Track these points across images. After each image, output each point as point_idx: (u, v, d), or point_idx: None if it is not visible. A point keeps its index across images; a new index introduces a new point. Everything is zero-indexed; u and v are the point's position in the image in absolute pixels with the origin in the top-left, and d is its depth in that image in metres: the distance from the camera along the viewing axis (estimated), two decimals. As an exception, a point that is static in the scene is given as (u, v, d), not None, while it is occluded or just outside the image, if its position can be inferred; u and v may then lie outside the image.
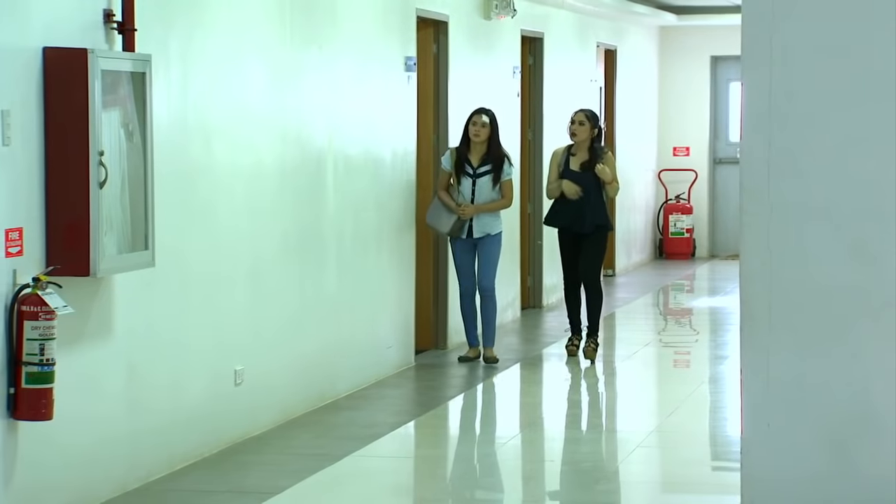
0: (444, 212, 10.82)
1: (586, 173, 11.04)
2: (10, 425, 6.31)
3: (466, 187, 10.80)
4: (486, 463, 7.99)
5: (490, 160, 10.81)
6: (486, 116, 10.78)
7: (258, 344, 8.55)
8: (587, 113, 11.18)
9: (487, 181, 10.80)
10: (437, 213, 10.88)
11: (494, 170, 10.79)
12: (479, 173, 10.82)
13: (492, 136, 10.79)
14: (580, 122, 11.09)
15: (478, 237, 10.86)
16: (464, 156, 10.83)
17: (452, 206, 10.78)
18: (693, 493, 7.71)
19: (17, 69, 6.35)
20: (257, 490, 7.31)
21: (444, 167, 10.90)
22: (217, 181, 8.10)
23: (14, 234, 6.32)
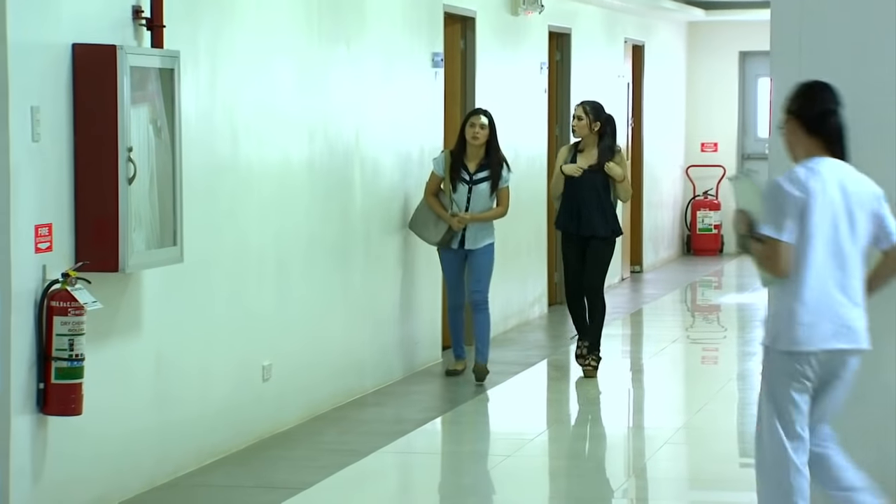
0: (432, 220, 9.99)
1: (594, 173, 10.14)
2: (39, 420, 6.33)
3: (462, 194, 9.95)
4: (512, 459, 7.99)
5: (488, 165, 9.97)
6: (484, 117, 10.00)
7: (286, 340, 8.57)
8: (587, 106, 10.21)
9: (485, 188, 9.96)
10: (424, 221, 10.03)
11: (493, 176, 9.96)
12: (476, 179, 9.98)
13: (490, 140, 9.97)
14: (578, 116, 10.19)
15: (469, 248, 10.05)
16: (460, 160, 9.97)
17: (443, 215, 9.94)
18: (721, 489, 7.69)
19: (47, 65, 6.38)
20: (285, 485, 7.32)
21: (436, 171, 10.03)
22: (245, 178, 8.12)
23: (44, 230, 6.35)
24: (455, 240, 10.01)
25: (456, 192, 9.92)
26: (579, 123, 10.13)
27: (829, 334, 5.39)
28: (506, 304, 12.27)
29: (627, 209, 16.57)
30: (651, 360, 11.59)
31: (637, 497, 7.47)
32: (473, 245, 10.03)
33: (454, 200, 9.93)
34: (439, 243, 10.02)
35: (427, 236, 10.02)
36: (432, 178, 10.01)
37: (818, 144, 5.45)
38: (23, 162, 6.20)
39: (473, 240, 10.04)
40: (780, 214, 5.35)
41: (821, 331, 5.38)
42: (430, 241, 10.04)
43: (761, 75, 19.16)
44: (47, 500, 6.40)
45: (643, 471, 7.95)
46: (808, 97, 5.47)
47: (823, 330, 5.38)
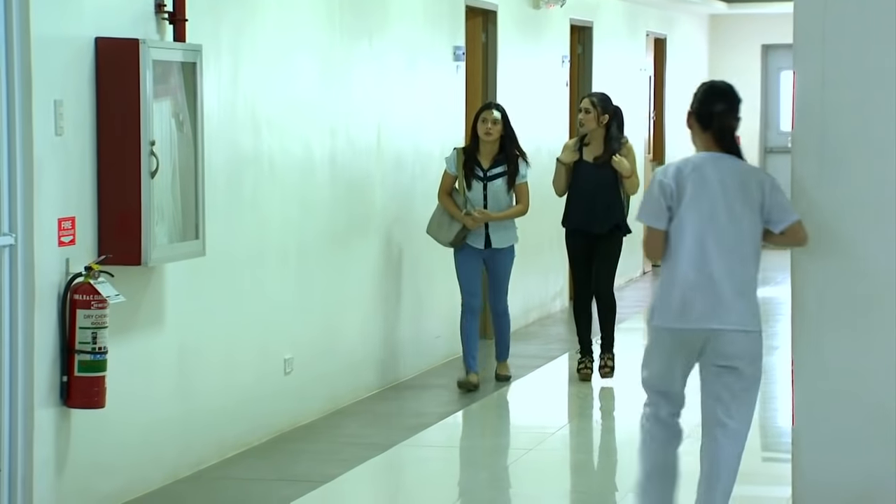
0: (446, 221, 9.46)
1: (602, 167, 9.68)
2: (63, 413, 6.36)
3: (477, 192, 9.43)
4: (533, 453, 7.99)
5: (503, 160, 9.46)
6: (497, 112, 9.48)
7: (307, 333, 8.58)
8: (594, 98, 9.84)
9: (501, 184, 9.46)
10: (439, 222, 9.50)
11: (509, 171, 9.46)
12: (490, 176, 9.47)
13: (505, 134, 9.47)
14: (586, 108, 9.74)
15: (496, 247, 9.53)
16: (473, 157, 9.48)
17: (456, 214, 9.41)
18: (743, 483, 7.65)
19: (70, 59, 6.40)
20: (306, 478, 7.34)
21: (448, 170, 9.53)
22: (266, 172, 8.14)
23: (67, 224, 6.37)
24: (479, 239, 9.48)
25: (471, 191, 9.43)
26: (587, 116, 9.73)
27: (699, 314, 5.73)
28: (527, 298, 12.27)
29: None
30: (672, 353, 11.56)
31: (658, 491, 7.45)
32: (500, 244, 9.52)
33: (468, 199, 9.42)
34: (452, 243, 9.47)
35: (441, 237, 9.51)
36: (445, 178, 9.54)
37: (711, 139, 5.91)
38: (46, 155, 6.23)
39: (499, 239, 9.53)
40: (653, 204, 5.80)
41: (691, 310, 5.73)
42: (443, 241, 9.51)
43: (784, 68, 19.10)
44: (71, 492, 6.43)
45: None
46: (703, 97, 5.99)
47: (693, 310, 5.73)
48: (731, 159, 5.89)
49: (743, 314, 5.78)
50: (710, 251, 5.77)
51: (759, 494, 7.48)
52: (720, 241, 5.78)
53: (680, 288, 5.75)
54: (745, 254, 5.83)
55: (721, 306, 5.74)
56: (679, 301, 5.75)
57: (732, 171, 5.86)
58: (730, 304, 5.76)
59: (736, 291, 5.77)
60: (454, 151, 9.57)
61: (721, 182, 5.81)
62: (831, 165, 6.02)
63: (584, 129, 9.73)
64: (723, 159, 5.88)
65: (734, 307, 5.76)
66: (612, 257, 9.82)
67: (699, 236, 5.77)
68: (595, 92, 10.23)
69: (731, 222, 5.78)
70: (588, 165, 9.69)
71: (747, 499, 7.44)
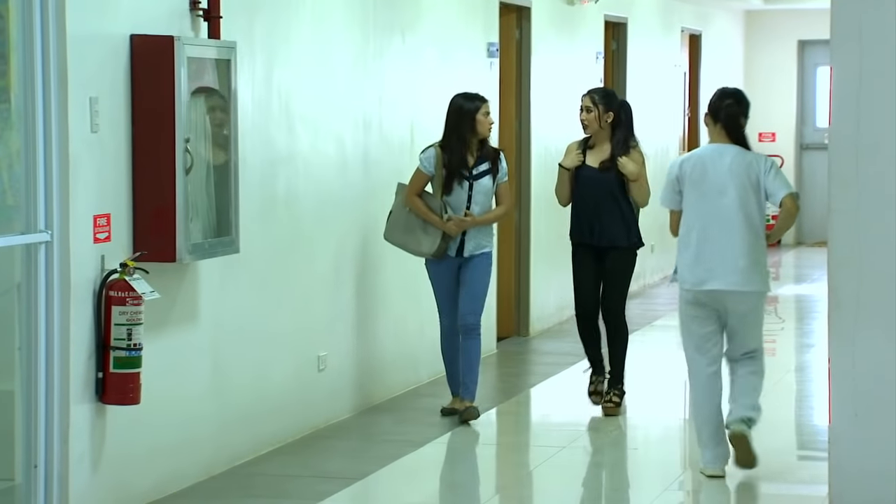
0: (419, 227, 8.39)
1: (608, 173, 8.58)
2: (98, 409, 6.39)
3: (460, 194, 8.37)
4: (566, 451, 7.98)
5: (485, 157, 8.44)
6: (488, 104, 8.52)
7: (341, 330, 8.59)
8: (595, 95, 8.66)
9: (487, 183, 8.42)
10: (408, 227, 8.41)
11: (493, 169, 8.46)
12: (476, 175, 8.42)
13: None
14: (586, 107, 8.60)
15: (469, 255, 8.46)
16: (459, 156, 8.37)
17: (434, 220, 8.35)
18: (779, 482, 7.65)
19: (105, 57, 6.42)
20: (340, 475, 7.36)
21: (425, 169, 8.40)
22: (300, 168, 8.15)
23: (102, 221, 6.40)
24: (452, 247, 8.45)
25: (451, 194, 8.36)
26: (588, 116, 8.58)
27: (705, 278, 7.10)
28: (562, 295, 12.24)
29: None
30: (707, 351, 11.54)
31: (693, 489, 7.44)
32: (476, 250, 8.45)
33: (447, 203, 8.35)
34: (435, 254, 8.39)
35: (415, 246, 8.42)
36: (419, 177, 8.41)
37: (721, 132, 7.25)
38: (82, 152, 6.26)
39: (476, 245, 8.46)
40: (668, 189, 7.25)
41: (698, 274, 7.12)
42: (420, 252, 8.42)
43: (820, 64, 19.02)
44: (106, 488, 6.46)
45: (699, 463, 7.92)
46: (714, 97, 7.38)
47: (700, 274, 7.11)
48: (734, 148, 7.18)
49: (745, 277, 7.07)
50: (713, 225, 7.09)
51: (793, 492, 7.45)
52: (722, 216, 7.08)
53: (690, 256, 7.14)
54: (745, 225, 7.08)
55: (722, 270, 7.07)
56: (684, 265, 7.14)
57: (734, 159, 7.15)
58: (731, 269, 7.07)
59: (739, 257, 7.07)
60: (434, 149, 8.42)
61: (722, 167, 7.12)
62: (868, 162, 5.99)
63: (586, 130, 8.65)
64: (727, 149, 7.19)
65: (735, 270, 7.06)
66: (624, 274, 8.70)
67: (702, 213, 7.11)
68: (596, 87, 9.01)
69: (727, 200, 7.07)
70: (592, 171, 8.59)
71: (784, 497, 7.42)
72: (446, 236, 8.36)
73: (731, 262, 7.06)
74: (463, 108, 8.39)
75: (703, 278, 7.09)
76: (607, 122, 8.57)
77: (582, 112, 8.63)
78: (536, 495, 7.38)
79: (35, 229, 6.14)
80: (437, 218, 8.34)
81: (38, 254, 6.16)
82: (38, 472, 6.19)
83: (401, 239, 8.43)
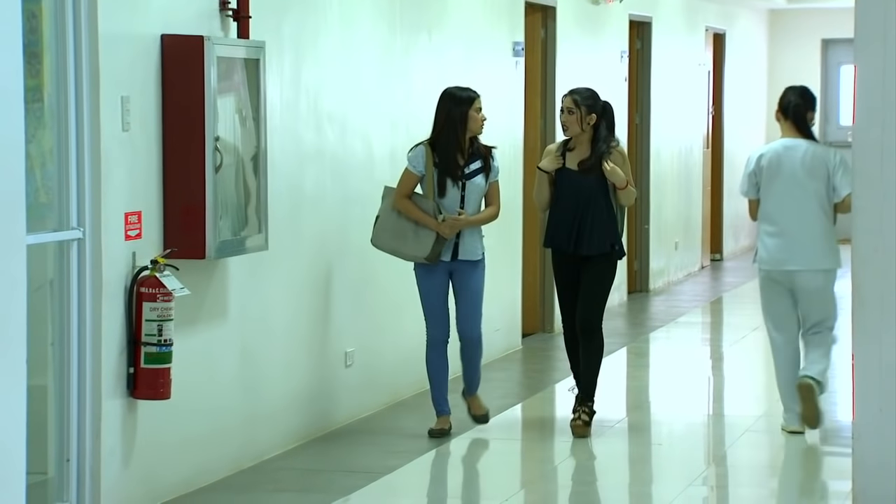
0: (410, 230, 7.92)
1: (588, 175, 8.06)
2: (129, 404, 6.47)
3: (454, 195, 7.95)
4: (592, 445, 8.03)
5: (476, 155, 8.02)
6: (480, 99, 8.10)
7: (367, 326, 8.65)
8: (577, 96, 8.11)
9: (480, 183, 7.99)
10: (398, 232, 7.95)
11: (485, 168, 8.04)
12: (468, 174, 7.99)
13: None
14: (568, 108, 8.07)
15: (466, 259, 8.04)
16: (450, 155, 7.94)
17: (426, 221, 7.90)
18: (803, 477, 7.69)
19: (136, 56, 6.50)
20: (367, 469, 7.41)
21: (414, 169, 7.95)
22: (328, 166, 8.21)
23: (133, 218, 6.47)
24: (446, 251, 8.02)
25: (445, 196, 7.94)
26: (569, 118, 8.05)
27: (784, 259, 8.01)
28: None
29: (707, 197, 16.52)
30: (731, 347, 11.57)
31: (717, 484, 7.48)
32: (473, 255, 8.03)
33: (440, 204, 7.92)
34: (429, 258, 7.92)
35: (407, 251, 7.95)
36: (408, 178, 7.95)
37: (791, 126, 8.11)
38: (113, 151, 6.33)
39: (471, 249, 8.03)
40: (747, 180, 8.12)
41: (777, 256, 8.01)
42: (414, 256, 7.95)
43: (843, 63, 19.01)
44: (137, 481, 6.53)
45: (723, 458, 7.96)
46: (783, 95, 8.24)
47: (779, 256, 8.01)
48: (805, 142, 8.05)
49: (814, 257, 7.95)
50: (789, 212, 7.96)
51: (818, 488, 7.49)
52: (796, 203, 7.94)
53: (768, 239, 8.01)
54: (818, 210, 7.94)
55: (794, 252, 7.96)
56: (765, 248, 8.01)
57: (807, 151, 8.01)
58: (802, 251, 7.95)
59: (809, 240, 7.95)
60: (422, 147, 7.98)
61: (795, 160, 7.98)
62: (892, 159, 6.02)
63: (567, 133, 8.12)
64: (798, 142, 8.05)
65: (805, 253, 7.95)
66: (602, 286, 8.13)
67: (778, 201, 7.98)
68: (578, 88, 8.35)
69: (801, 189, 7.94)
70: (572, 174, 8.08)
71: (808, 492, 7.45)
72: (440, 239, 7.90)
73: (807, 244, 7.92)
74: (454, 104, 7.96)
75: (782, 260, 7.96)
76: (589, 124, 8.07)
77: (563, 114, 8.12)
78: (560, 490, 7.43)
79: (67, 227, 6.21)
80: (431, 220, 7.88)
81: (70, 251, 6.23)
82: (71, 465, 6.26)
83: (391, 244, 7.96)
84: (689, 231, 15.74)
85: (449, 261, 8.00)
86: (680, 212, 15.40)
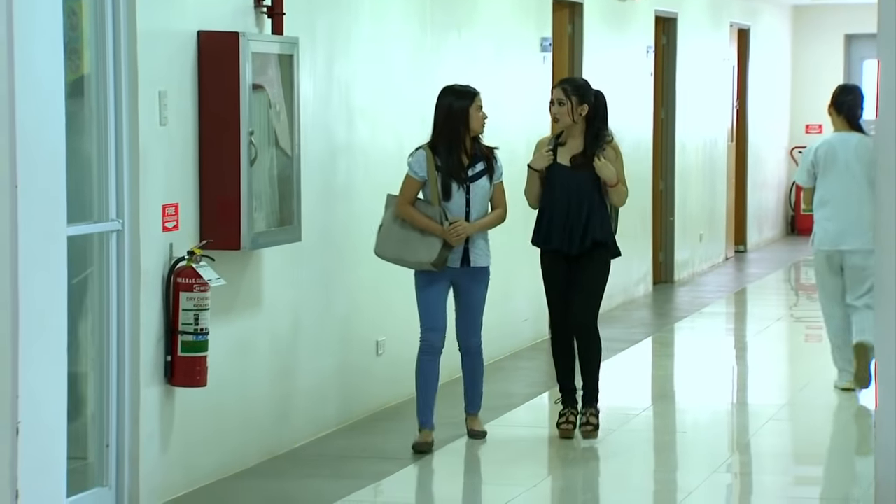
0: (415, 237, 7.45)
1: (580, 171, 7.65)
2: (167, 391, 6.60)
3: (459, 199, 7.51)
4: (617, 434, 8.11)
5: (479, 157, 7.57)
6: (479, 97, 7.62)
7: (399, 316, 8.77)
8: (568, 86, 7.67)
9: (485, 185, 7.56)
10: (404, 240, 7.48)
11: (488, 169, 7.60)
12: (472, 176, 7.56)
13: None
14: (558, 100, 7.64)
15: (475, 267, 7.59)
16: (453, 156, 7.49)
17: (432, 228, 7.45)
18: (826, 465, 7.76)
19: (174, 52, 6.62)
20: (397, 456, 7.51)
21: (416, 174, 7.51)
22: (359, 160, 8.34)
23: (170, 210, 6.59)
24: (454, 257, 7.53)
25: (451, 199, 7.50)
26: (560, 109, 7.62)
27: (840, 240, 8.91)
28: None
29: (731, 190, 16.60)
30: (755, 337, 11.66)
31: (741, 472, 7.56)
32: (482, 261, 7.61)
33: (446, 209, 7.49)
34: (436, 264, 7.44)
35: (412, 257, 7.47)
36: (410, 184, 7.51)
37: (844, 121, 9.02)
38: (151, 144, 6.46)
39: (481, 255, 7.61)
40: (805, 169, 9.03)
41: (833, 237, 8.92)
42: (419, 262, 7.47)
43: (866, 58, 19.05)
44: (174, 467, 6.67)
45: (747, 446, 8.06)
46: (837, 92, 9.11)
47: (835, 237, 8.91)
48: (857, 135, 8.98)
49: (865, 236, 8.73)
50: (844, 197, 8.86)
51: (841, 476, 7.56)
52: (850, 190, 8.86)
53: (823, 221, 8.93)
54: (870, 196, 8.64)
55: (848, 233, 8.84)
56: (824, 232, 8.93)
57: (859, 143, 8.94)
58: (854, 231, 8.84)
59: (858, 222, 8.81)
60: (422, 151, 7.55)
61: (849, 151, 8.90)
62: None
63: (558, 125, 7.73)
64: (851, 135, 8.98)
65: (858, 232, 8.83)
66: (595, 284, 7.74)
67: (832, 187, 8.89)
68: (569, 78, 8.08)
69: (854, 177, 8.86)
70: (563, 169, 7.66)
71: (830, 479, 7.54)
72: (447, 245, 7.46)
73: (861, 225, 8.81)
74: (454, 103, 7.51)
75: (838, 240, 8.91)
76: (581, 115, 7.63)
77: (553, 105, 7.67)
78: (586, 477, 7.51)
79: (107, 218, 6.34)
80: (438, 226, 7.43)
81: (109, 242, 6.35)
82: (110, 451, 6.38)
83: (395, 252, 7.49)
84: (713, 223, 15.82)
85: (458, 267, 7.54)
86: (704, 204, 15.49)
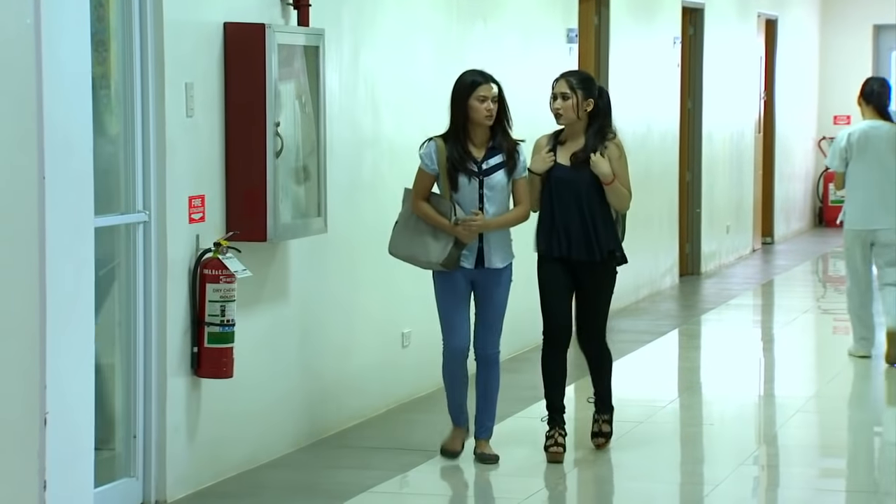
0: (428, 234, 7.05)
1: (582, 172, 7.15)
2: (194, 382, 6.64)
3: (470, 193, 7.04)
4: (644, 426, 8.12)
5: (498, 149, 7.07)
6: (495, 86, 7.08)
7: (424, 308, 8.77)
8: (573, 79, 7.19)
9: (501, 179, 7.07)
10: (412, 236, 7.09)
11: (508, 162, 7.08)
12: (487, 169, 7.07)
13: (499, 114, 7.09)
14: (562, 93, 7.14)
15: (494, 267, 7.13)
16: (462, 147, 7.05)
17: (443, 224, 7.04)
18: (853, 457, 7.76)
19: (200, 44, 6.65)
20: (423, 447, 7.54)
21: (427, 167, 7.10)
22: (385, 151, 8.36)
23: (197, 201, 6.62)
24: (468, 256, 7.09)
25: (459, 192, 7.04)
26: (564, 104, 7.13)
27: (865, 219, 9.64)
28: (637, 274, 12.39)
29: (759, 181, 16.56)
30: (782, 329, 11.64)
31: (768, 464, 7.57)
32: (500, 262, 7.13)
33: (457, 204, 7.04)
34: (446, 264, 7.04)
35: (422, 255, 7.07)
36: (423, 178, 7.10)
37: (873, 111, 9.79)
38: (178, 136, 6.49)
39: (499, 255, 7.12)
40: (836, 154, 9.76)
41: (863, 217, 9.64)
42: (429, 261, 7.08)
43: (895, 48, 18.97)
44: (201, 457, 6.70)
45: (774, 438, 8.05)
46: (866, 84, 9.87)
47: (865, 217, 9.63)
48: (886, 124, 9.71)
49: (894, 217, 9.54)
50: (870, 179, 9.60)
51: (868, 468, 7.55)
52: (881, 174, 9.58)
53: (853, 203, 9.67)
54: (894, 182, 9.50)
55: (877, 212, 9.58)
56: (855, 212, 9.66)
57: (889, 131, 9.67)
58: (883, 210, 9.56)
59: (886, 202, 9.54)
60: (432, 143, 7.12)
61: (875, 137, 9.63)
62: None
63: (561, 121, 7.24)
64: (881, 124, 9.73)
65: (886, 212, 9.56)
66: (605, 294, 7.30)
67: (862, 171, 9.63)
68: (573, 70, 7.67)
69: (883, 162, 9.61)
70: (565, 171, 7.18)
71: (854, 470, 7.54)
72: (458, 243, 7.04)
73: (888, 207, 9.55)
74: (458, 89, 7.09)
75: (868, 220, 9.63)
76: (586, 111, 7.14)
77: (556, 100, 7.17)
78: (612, 469, 7.53)
79: (133, 210, 6.38)
80: (445, 221, 7.01)
81: (136, 233, 6.40)
82: (137, 441, 6.43)
83: (406, 250, 7.11)
84: (740, 214, 15.79)
85: (472, 268, 7.10)
86: (731, 195, 15.46)
